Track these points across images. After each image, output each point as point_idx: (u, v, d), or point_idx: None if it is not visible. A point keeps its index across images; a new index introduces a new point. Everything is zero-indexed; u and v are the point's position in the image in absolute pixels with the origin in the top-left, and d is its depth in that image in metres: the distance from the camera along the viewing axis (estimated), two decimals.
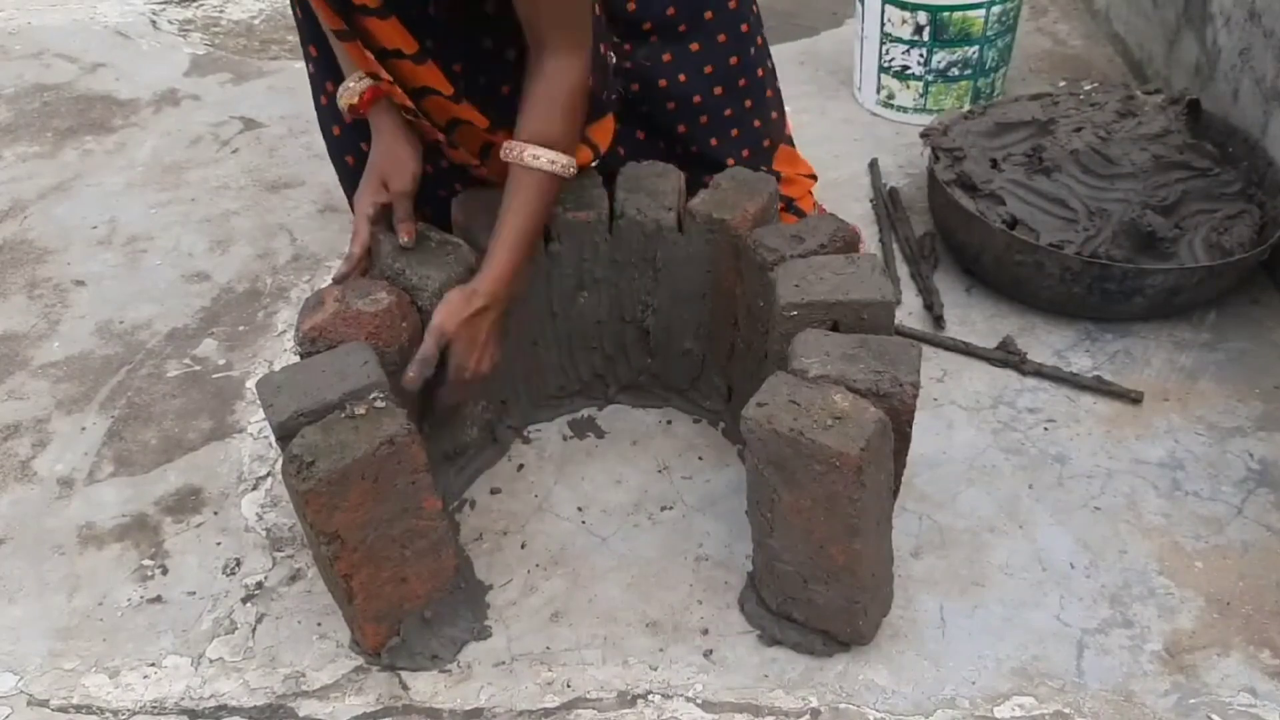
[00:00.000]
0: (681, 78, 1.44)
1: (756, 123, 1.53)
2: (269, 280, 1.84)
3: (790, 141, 1.69)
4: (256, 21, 2.81)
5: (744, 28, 1.46)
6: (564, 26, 1.17)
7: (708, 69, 1.45)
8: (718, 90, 1.47)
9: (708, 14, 1.43)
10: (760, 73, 1.52)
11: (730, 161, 1.49)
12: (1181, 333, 1.61)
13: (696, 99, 1.46)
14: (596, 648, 1.22)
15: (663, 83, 1.44)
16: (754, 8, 1.50)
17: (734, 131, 1.51)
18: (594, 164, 1.37)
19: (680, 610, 1.26)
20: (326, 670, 1.22)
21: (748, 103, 1.51)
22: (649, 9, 1.40)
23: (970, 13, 2.02)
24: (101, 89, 2.48)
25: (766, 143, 1.56)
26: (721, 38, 1.44)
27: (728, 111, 1.49)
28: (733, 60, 1.46)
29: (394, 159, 1.26)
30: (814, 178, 1.70)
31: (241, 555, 1.36)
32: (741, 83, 1.48)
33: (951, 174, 1.75)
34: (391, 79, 1.22)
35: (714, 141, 1.50)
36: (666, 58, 1.43)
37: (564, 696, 1.18)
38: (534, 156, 1.20)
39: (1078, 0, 2.65)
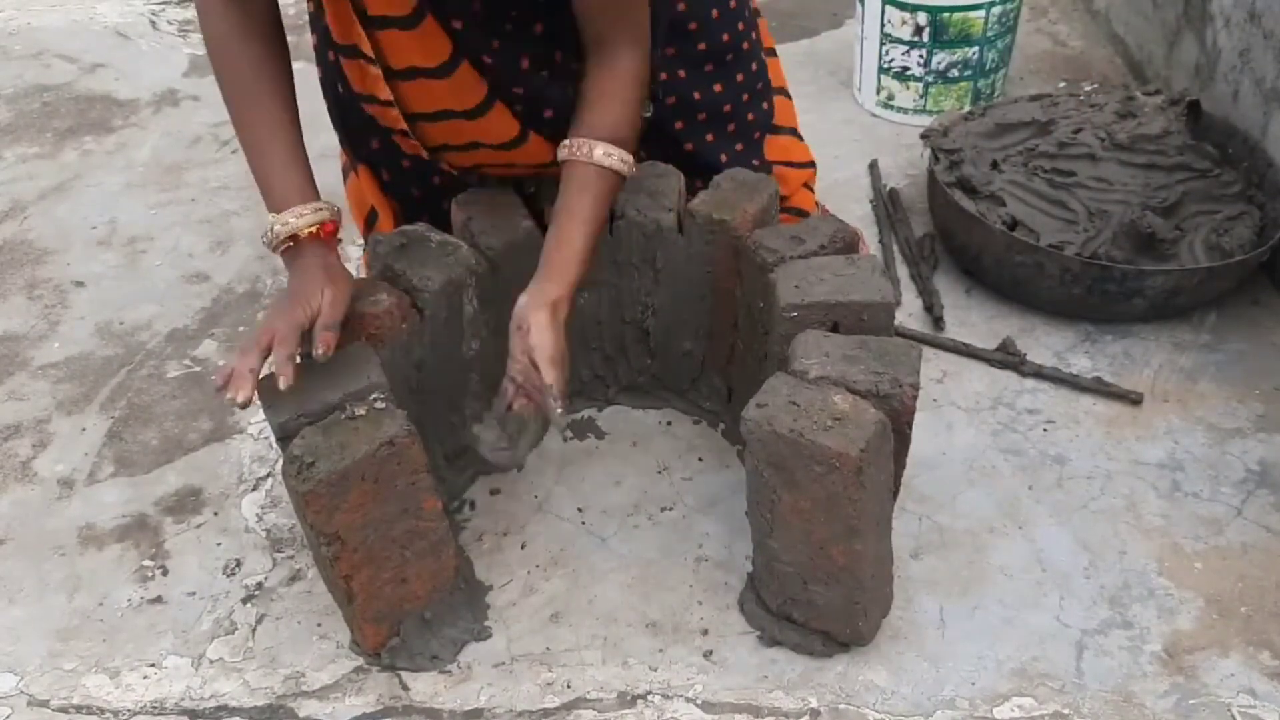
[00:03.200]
0: (681, 73, 1.44)
1: (750, 115, 1.52)
2: (269, 280, 1.84)
3: (791, 131, 1.65)
4: None
5: (740, 25, 1.46)
6: (625, 20, 1.16)
7: (708, 66, 1.44)
8: (717, 87, 1.46)
9: (714, 12, 1.42)
10: (754, 67, 1.51)
11: (724, 158, 1.48)
12: (1181, 334, 1.61)
13: (696, 95, 1.46)
14: (596, 648, 1.22)
15: (664, 75, 1.43)
16: (751, 3, 1.49)
17: (730, 126, 1.50)
18: None
19: (680, 611, 1.26)
20: (326, 670, 1.22)
21: (745, 96, 1.50)
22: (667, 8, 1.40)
23: (970, 14, 2.02)
24: (101, 89, 2.48)
25: (756, 134, 1.55)
26: (725, 36, 1.44)
27: (726, 107, 1.48)
28: (729, 56, 1.46)
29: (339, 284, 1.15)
30: (812, 165, 1.65)
31: (241, 556, 1.36)
32: (739, 77, 1.48)
33: (951, 175, 1.74)
34: (392, 98, 1.24)
35: (710, 137, 1.49)
36: (670, 52, 1.42)
37: (564, 697, 1.18)
38: (606, 154, 1.16)
39: (1078, 1, 2.65)
